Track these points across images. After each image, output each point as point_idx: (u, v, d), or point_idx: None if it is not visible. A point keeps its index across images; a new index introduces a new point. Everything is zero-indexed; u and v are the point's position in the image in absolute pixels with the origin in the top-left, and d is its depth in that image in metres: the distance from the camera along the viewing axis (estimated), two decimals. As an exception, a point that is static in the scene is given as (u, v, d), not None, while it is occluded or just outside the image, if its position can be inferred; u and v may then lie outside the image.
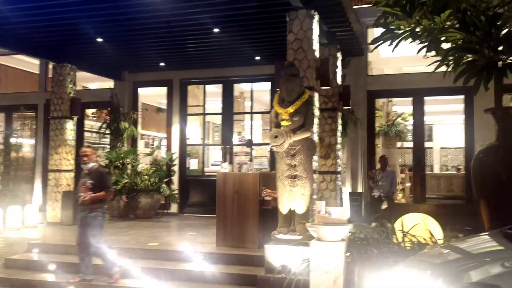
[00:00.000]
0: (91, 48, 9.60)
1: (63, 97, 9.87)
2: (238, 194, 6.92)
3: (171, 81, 11.60)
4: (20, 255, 7.17)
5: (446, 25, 4.16)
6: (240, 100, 14.68)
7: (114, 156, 10.68)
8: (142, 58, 10.68)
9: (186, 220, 10.30)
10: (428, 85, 8.49)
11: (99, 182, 6.18)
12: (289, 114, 5.86)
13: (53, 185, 9.85)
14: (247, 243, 6.81)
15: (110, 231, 8.70)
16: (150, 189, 10.35)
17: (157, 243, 7.38)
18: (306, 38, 6.57)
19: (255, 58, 10.22)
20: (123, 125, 11.13)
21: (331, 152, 8.56)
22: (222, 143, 11.39)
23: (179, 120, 11.57)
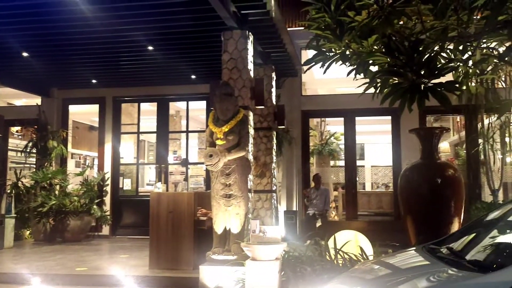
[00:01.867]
0: (16, 62, 9.11)
1: (-17, 114, 9.29)
2: (173, 214, 6.77)
3: (104, 99, 11.25)
4: None
5: (374, 49, 4.35)
6: (176, 119, 14.51)
7: (41, 176, 10.13)
8: (73, 75, 10.30)
9: (118, 243, 9.92)
10: (359, 106, 8.83)
11: None
12: (224, 133, 5.86)
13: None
14: (181, 265, 6.66)
15: (34, 256, 8.22)
16: (80, 210, 9.90)
17: (85, 267, 7.03)
18: (241, 58, 6.63)
19: (191, 77, 10.18)
20: (51, 144, 10.60)
21: (267, 171, 8.62)
22: (156, 162, 11.16)
23: (112, 138, 11.21)
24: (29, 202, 9.93)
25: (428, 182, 5.68)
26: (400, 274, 3.23)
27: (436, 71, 3.89)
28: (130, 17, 6.92)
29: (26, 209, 9.88)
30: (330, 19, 4.28)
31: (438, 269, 2.98)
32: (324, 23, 4.39)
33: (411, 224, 5.78)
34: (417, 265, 3.44)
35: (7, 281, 6.57)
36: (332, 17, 4.23)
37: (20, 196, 10.11)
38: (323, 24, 4.39)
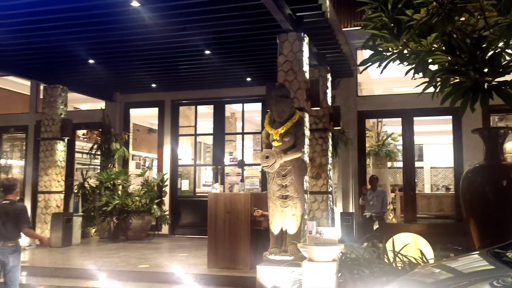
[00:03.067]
0: (83, 69, 9.64)
1: (54, 118, 9.86)
2: (230, 215, 6.90)
3: (163, 102, 11.64)
4: (8, 278, 7.04)
5: (433, 47, 4.25)
6: (231, 121, 14.75)
7: (105, 177, 10.63)
8: (134, 80, 10.74)
9: (177, 241, 10.22)
10: (417, 106, 8.60)
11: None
12: (280, 134, 5.91)
13: (43, 206, 9.76)
14: (238, 264, 6.77)
15: (100, 253, 8.63)
16: (141, 210, 10.29)
17: (147, 265, 7.31)
18: (296, 60, 6.66)
19: (246, 79, 10.33)
20: (114, 146, 11.10)
21: (322, 173, 8.59)
22: (213, 164, 11.40)
23: (170, 140, 11.58)
24: (95, 202, 10.45)
25: (493, 184, 5.45)
26: (463, 278, 3.14)
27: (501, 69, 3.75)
28: (187, 23, 7.13)
29: (91, 208, 10.40)
30: (387, 18, 4.23)
31: (504, 274, 2.87)
32: (380, 23, 4.35)
33: (474, 228, 5.57)
34: (481, 269, 3.33)
35: (76, 276, 6.96)
36: (389, 16, 4.18)
37: (86, 196, 10.65)
38: (380, 23, 4.35)
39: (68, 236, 9.35)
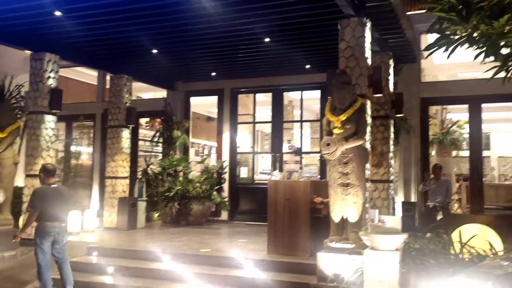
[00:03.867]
0: (146, 59, 9.96)
1: (119, 107, 10.28)
2: (289, 202, 6.94)
3: (222, 90, 11.82)
4: (80, 258, 7.48)
5: (506, 29, 4.03)
6: (289, 109, 14.72)
7: (167, 163, 10.98)
8: (195, 68, 10.97)
9: (236, 228, 10.41)
10: (486, 92, 8.22)
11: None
12: (341, 122, 5.85)
13: (110, 191, 10.24)
14: (298, 251, 6.81)
15: (163, 236, 8.96)
16: (201, 196, 10.55)
17: (209, 249, 7.51)
18: (358, 46, 6.53)
19: (305, 67, 10.26)
20: (175, 134, 11.43)
21: (384, 161, 8.42)
22: (271, 151, 11.47)
23: (229, 128, 11.77)
24: (157, 187, 10.83)
25: None
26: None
27: None
28: (248, 11, 7.17)
29: (155, 194, 10.79)
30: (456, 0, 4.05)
31: None
32: (448, 5, 4.17)
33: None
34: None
35: (141, 258, 7.28)
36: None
37: (149, 182, 11.06)
38: (447, 5, 4.18)
39: (133, 219, 9.77)
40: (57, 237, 6.03)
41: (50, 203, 6.02)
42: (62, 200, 6.18)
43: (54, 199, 6.07)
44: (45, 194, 6.08)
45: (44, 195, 6.07)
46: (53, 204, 6.03)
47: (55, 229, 6.00)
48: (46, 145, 8.43)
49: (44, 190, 6.14)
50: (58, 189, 6.27)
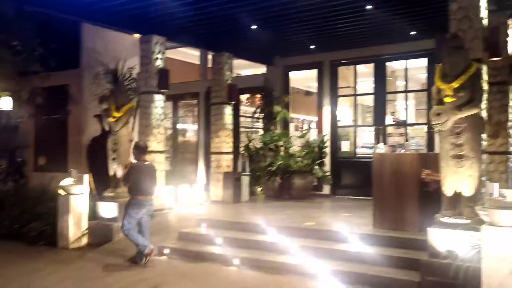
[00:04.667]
0: (246, 36, 10.07)
1: (221, 84, 10.57)
2: (396, 175, 6.68)
3: (322, 63, 11.63)
4: (191, 229, 7.91)
5: None
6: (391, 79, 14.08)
7: (268, 139, 11.13)
8: (293, 42, 10.88)
9: (338, 202, 10.31)
10: None
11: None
12: (454, 89, 5.43)
13: (215, 166, 10.66)
14: (405, 226, 6.56)
15: (266, 210, 9.15)
16: (303, 170, 10.58)
17: (313, 222, 7.52)
18: (471, 6, 6.01)
19: (410, 33, 9.69)
20: (275, 109, 11.52)
21: (501, 131, 7.75)
22: (374, 124, 11.11)
23: (329, 102, 11.58)
24: (259, 162, 11.04)
25: None
26: None
27: None
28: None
29: (257, 168, 11.03)
30: None
31: None
32: None
33: None
34: None
35: (247, 230, 7.50)
36: None
37: (251, 157, 11.32)
38: None
39: (237, 193, 10.10)
40: (149, 208, 6.80)
41: (144, 178, 6.68)
42: (152, 176, 6.90)
43: (147, 175, 6.74)
44: (139, 170, 6.73)
45: (139, 170, 6.72)
46: (146, 179, 6.70)
47: (148, 202, 6.73)
48: (156, 123, 8.95)
49: (138, 166, 6.79)
50: (149, 166, 6.93)
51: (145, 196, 6.71)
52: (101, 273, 6.35)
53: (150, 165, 7.02)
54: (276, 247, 6.75)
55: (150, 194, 6.79)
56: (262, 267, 6.34)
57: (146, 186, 6.71)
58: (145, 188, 6.70)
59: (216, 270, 6.42)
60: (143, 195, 6.68)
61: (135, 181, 6.67)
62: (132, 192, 6.74)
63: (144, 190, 6.69)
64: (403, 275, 5.54)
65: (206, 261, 6.80)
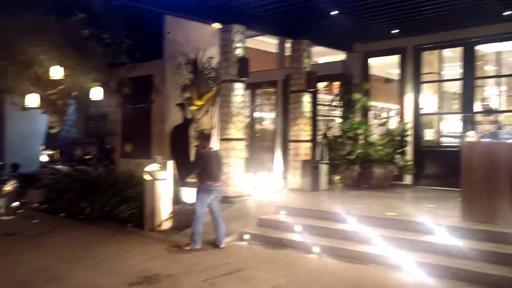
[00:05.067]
0: (325, 22, 9.87)
1: (300, 72, 10.51)
2: (487, 166, 6.31)
3: (404, 49, 11.17)
4: (270, 216, 8.00)
5: None
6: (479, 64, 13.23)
7: (348, 127, 10.94)
8: (374, 27, 10.51)
9: (421, 192, 9.91)
10: None
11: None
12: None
13: (293, 154, 10.65)
14: (497, 219, 6.21)
15: (345, 199, 9.03)
16: (383, 159, 10.29)
17: (395, 213, 7.31)
18: None
19: (503, 14, 9.01)
20: (355, 96, 11.28)
21: None
22: (461, 112, 10.52)
23: (412, 89, 11.13)
24: (338, 151, 10.88)
25: None
26: None
27: None
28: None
29: (335, 157, 10.88)
30: None
31: None
32: None
33: None
34: None
35: (326, 218, 7.46)
36: None
37: (330, 145, 11.18)
38: None
39: (316, 181, 10.04)
40: (218, 194, 7.06)
41: (212, 164, 6.97)
42: (220, 162, 7.20)
43: (214, 161, 7.03)
44: (207, 157, 7.02)
45: (207, 157, 7.02)
46: (214, 166, 6.99)
47: (217, 188, 7.01)
48: (236, 111, 9.08)
49: (206, 153, 7.08)
50: (216, 153, 7.27)
51: (214, 181, 6.98)
52: (185, 255, 6.61)
53: (216, 152, 7.35)
54: (357, 236, 6.66)
55: (218, 180, 7.07)
56: (343, 255, 6.29)
57: (214, 172, 7.00)
58: (213, 174, 6.99)
59: (296, 257, 6.46)
60: (211, 180, 6.96)
61: (203, 167, 6.98)
62: (201, 178, 7.04)
63: (212, 175, 6.97)
64: (495, 270, 5.25)
65: (285, 248, 6.87)
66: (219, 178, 7.11)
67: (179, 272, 5.80)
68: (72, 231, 8.19)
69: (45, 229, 8.31)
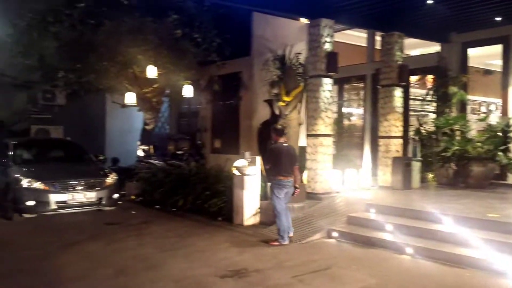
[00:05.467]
0: (418, 12, 9.45)
1: (391, 65, 10.12)
2: None
3: (508, 37, 10.33)
4: (359, 214, 7.80)
5: None
6: None
7: (443, 122, 10.36)
8: (473, 15, 9.83)
9: (528, 193, 9.13)
10: None
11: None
12: None
13: (383, 151, 10.30)
14: None
15: (440, 198, 8.56)
16: (483, 157, 9.62)
17: (497, 214, 6.79)
18: None
19: None
20: (451, 90, 10.64)
21: None
22: None
23: (517, 81, 10.27)
24: (432, 147, 10.34)
25: None
26: None
27: None
28: None
29: (429, 154, 10.35)
30: None
31: None
32: None
33: None
34: None
35: (419, 218, 7.12)
36: None
37: (422, 141, 10.66)
38: None
39: (407, 179, 9.63)
40: (289, 189, 6.98)
41: (283, 159, 6.92)
42: (292, 157, 7.05)
43: (286, 156, 6.95)
44: (278, 152, 6.99)
45: (278, 152, 6.99)
46: (285, 161, 6.92)
47: (288, 183, 6.93)
48: (324, 106, 8.96)
49: (277, 148, 7.05)
50: (288, 148, 7.13)
51: (285, 176, 6.92)
52: (273, 250, 6.65)
53: (289, 147, 7.23)
54: (454, 238, 6.28)
55: (289, 175, 6.97)
56: (439, 258, 5.96)
57: (285, 167, 6.93)
58: (284, 169, 6.93)
59: (388, 257, 6.23)
60: (282, 175, 6.92)
61: (274, 162, 6.98)
62: (273, 173, 7.04)
63: (283, 170, 6.92)
64: None
65: (376, 247, 6.66)
66: (289, 172, 6.98)
67: (267, 267, 5.84)
68: (166, 223, 8.59)
69: (142, 219, 8.80)
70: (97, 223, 8.49)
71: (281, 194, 6.96)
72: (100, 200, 9.12)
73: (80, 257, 6.34)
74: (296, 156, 7.29)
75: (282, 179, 6.94)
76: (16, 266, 5.88)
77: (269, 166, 7.15)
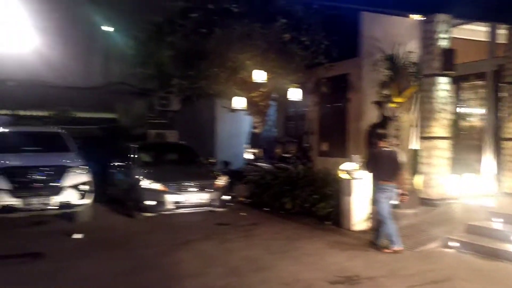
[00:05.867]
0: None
1: (516, 61, 9.22)
2: None
3: None
4: (481, 222, 7.22)
5: None
6: None
7: None
8: None
9: None
10: None
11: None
12: None
13: (509, 154, 9.41)
14: None
15: None
16: None
17: None
18: None
19: None
20: None
21: None
22: None
23: None
24: None
25: None
26: None
27: None
28: None
29: None
30: None
31: None
32: None
33: None
34: None
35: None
36: None
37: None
38: None
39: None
40: (390, 194, 6.82)
41: (383, 164, 6.81)
42: (394, 162, 6.85)
43: (386, 161, 6.82)
44: (378, 156, 6.91)
45: (378, 157, 6.91)
46: (385, 165, 6.79)
47: (388, 187, 6.80)
48: (440, 107, 8.43)
49: (378, 152, 6.97)
50: (390, 152, 6.96)
51: (385, 181, 6.79)
52: (385, 257, 6.39)
53: (390, 151, 7.03)
54: None
55: (390, 180, 6.81)
56: None
57: (385, 172, 6.81)
58: (384, 174, 6.81)
59: (516, 272, 5.67)
60: (382, 180, 6.81)
61: (374, 167, 6.94)
62: (374, 177, 7.01)
63: (383, 175, 6.82)
64: None
65: (501, 260, 6.12)
66: (392, 178, 6.82)
67: (380, 274, 5.62)
68: (274, 225, 8.68)
69: (251, 221, 8.98)
70: (209, 224, 8.84)
71: (382, 198, 6.83)
72: (212, 201, 9.47)
73: (194, 255, 6.64)
74: (398, 161, 6.94)
75: (382, 184, 6.85)
76: (139, 262, 6.30)
77: (370, 171, 7.12)
